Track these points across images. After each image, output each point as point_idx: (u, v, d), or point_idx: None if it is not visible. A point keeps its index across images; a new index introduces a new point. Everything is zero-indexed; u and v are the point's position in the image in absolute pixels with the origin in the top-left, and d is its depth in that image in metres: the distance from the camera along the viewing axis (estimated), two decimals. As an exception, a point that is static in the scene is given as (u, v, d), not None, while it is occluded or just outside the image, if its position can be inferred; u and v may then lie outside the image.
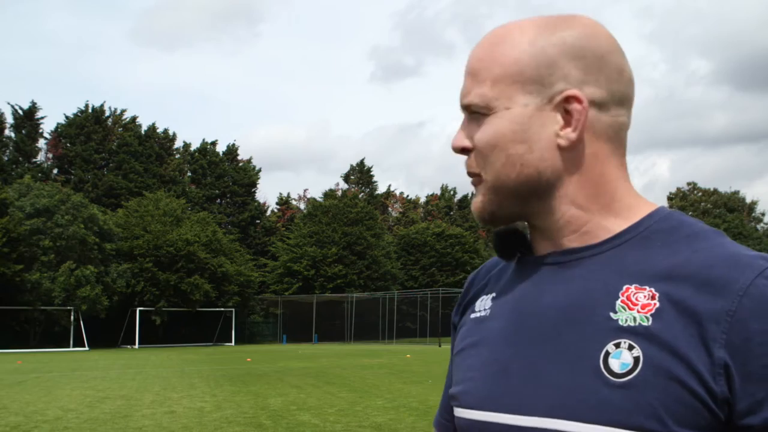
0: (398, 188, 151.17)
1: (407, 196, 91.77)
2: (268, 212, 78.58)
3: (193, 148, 73.25)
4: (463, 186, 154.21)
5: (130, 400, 14.84)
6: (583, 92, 0.91)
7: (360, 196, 79.44)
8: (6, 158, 61.78)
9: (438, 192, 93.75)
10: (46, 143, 66.32)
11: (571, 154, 0.93)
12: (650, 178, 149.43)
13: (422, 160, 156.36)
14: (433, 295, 58.71)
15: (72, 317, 45.66)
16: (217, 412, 12.70)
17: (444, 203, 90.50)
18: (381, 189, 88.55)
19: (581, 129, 0.92)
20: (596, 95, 0.93)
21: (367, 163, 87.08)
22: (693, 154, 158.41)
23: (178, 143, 73.05)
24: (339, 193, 79.20)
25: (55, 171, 65.98)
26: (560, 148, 0.93)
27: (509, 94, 0.93)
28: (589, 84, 0.92)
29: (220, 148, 74.29)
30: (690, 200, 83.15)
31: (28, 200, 45.49)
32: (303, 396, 15.49)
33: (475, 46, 1.00)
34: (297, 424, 11.27)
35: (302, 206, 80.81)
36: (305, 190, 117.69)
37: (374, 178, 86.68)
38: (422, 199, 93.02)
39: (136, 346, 48.79)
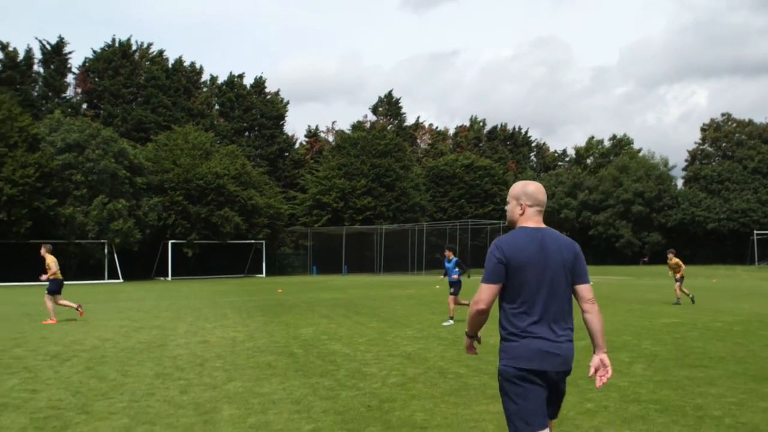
0: (427, 120, 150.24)
1: (436, 127, 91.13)
2: (297, 145, 78.45)
3: (220, 81, 72.99)
4: (493, 117, 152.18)
5: (165, 330, 15.12)
6: (522, 202, 4.25)
7: (388, 127, 78.95)
8: (36, 94, 62.02)
9: (467, 123, 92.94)
10: (74, 78, 66.43)
11: (521, 217, 4.26)
12: (688, 107, 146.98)
13: (454, 90, 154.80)
14: (462, 226, 58.71)
15: (106, 250, 46.37)
16: (249, 342, 12.92)
17: (473, 135, 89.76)
18: (410, 120, 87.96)
19: (522, 211, 4.24)
20: (525, 202, 4.23)
21: (398, 94, 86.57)
22: (732, 83, 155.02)
23: (205, 76, 72.81)
24: (367, 125, 78.79)
25: (84, 106, 66.18)
26: (517, 215, 4.27)
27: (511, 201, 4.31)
28: (520, 200, 4.25)
29: (248, 81, 73.97)
30: (724, 131, 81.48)
31: (59, 135, 45.78)
32: (333, 326, 15.68)
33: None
34: (328, 353, 11.43)
35: (331, 138, 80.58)
36: (333, 122, 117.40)
37: (403, 110, 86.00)
38: (451, 131, 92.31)
39: (169, 278, 49.57)
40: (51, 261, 17.32)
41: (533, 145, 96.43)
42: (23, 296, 29.17)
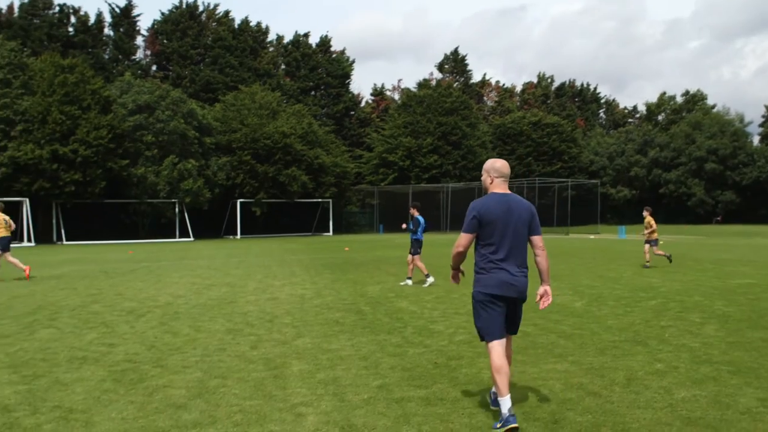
0: (494, 77, 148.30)
1: (503, 84, 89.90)
2: (363, 103, 78.38)
3: (286, 40, 73.17)
4: (561, 73, 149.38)
5: (235, 287, 15.40)
6: (491, 175, 5.70)
7: (455, 85, 78.24)
8: (107, 57, 63.16)
9: (535, 80, 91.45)
10: (143, 41, 67.43)
11: (491, 185, 5.70)
12: (766, 61, 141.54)
13: (521, 46, 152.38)
14: (529, 184, 58.09)
15: (176, 209, 47.31)
16: (317, 299, 13.07)
17: (541, 91, 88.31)
18: (476, 78, 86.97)
19: (491, 180, 5.69)
20: (493, 174, 5.69)
21: (464, 51, 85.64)
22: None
23: (271, 36, 73.10)
24: (433, 82, 78.19)
25: (153, 68, 67.19)
26: (488, 183, 5.72)
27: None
28: (490, 173, 5.71)
29: (313, 40, 74.00)
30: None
31: (130, 97, 46.61)
32: (400, 284, 15.74)
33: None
34: (395, 310, 11.49)
35: (396, 97, 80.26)
36: (399, 80, 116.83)
37: (469, 67, 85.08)
38: (518, 88, 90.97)
39: (238, 236, 50.38)
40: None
41: (602, 101, 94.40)
42: (100, 254, 30.01)
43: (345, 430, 5.18)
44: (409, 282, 15.72)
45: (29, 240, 41.25)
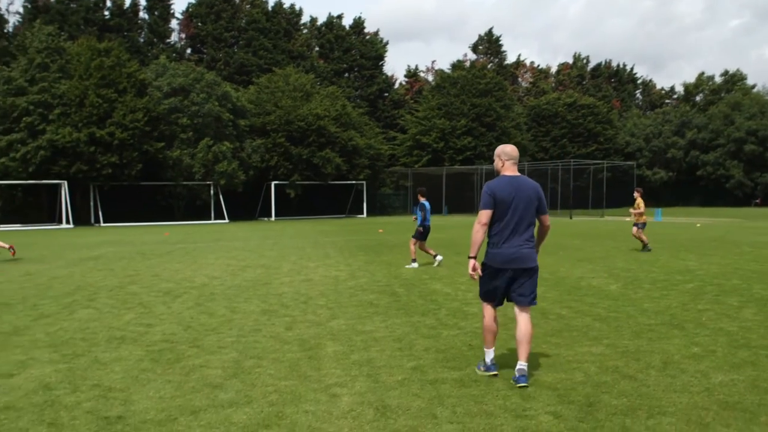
0: (529, 57, 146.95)
1: (537, 65, 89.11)
2: (396, 85, 78.18)
3: (319, 22, 73.12)
4: (597, 53, 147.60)
5: (269, 269, 15.50)
6: (502, 158, 6.25)
7: (489, 66, 77.70)
8: (142, 40, 63.61)
9: (570, 60, 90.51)
10: (178, 24, 67.78)
11: (502, 168, 6.25)
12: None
13: (556, 26, 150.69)
14: (564, 166, 57.62)
15: (211, 191, 47.67)
16: (351, 281, 13.12)
17: (576, 72, 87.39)
18: (511, 59, 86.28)
19: (503, 164, 6.23)
20: (504, 158, 6.24)
21: (498, 31, 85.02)
22: None
23: (305, 18, 73.07)
24: (467, 63, 77.71)
25: (188, 51, 67.56)
26: (500, 166, 6.27)
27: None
28: (501, 157, 6.27)
29: (347, 22, 73.88)
30: None
31: (165, 80, 46.93)
32: (435, 266, 15.73)
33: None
34: (429, 292, 11.50)
35: (430, 78, 79.94)
36: (433, 62, 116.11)
37: (503, 48, 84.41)
38: (553, 69, 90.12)
39: (273, 218, 50.66)
40: None
41: (639, 82, 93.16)
42: (136, 235, 30.37)
43: (379, 411, 5.20)
44: (415, 265, 15.62)
45: (68, 222, 41.85)
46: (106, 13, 61.90)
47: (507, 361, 6.58)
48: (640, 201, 19.69)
